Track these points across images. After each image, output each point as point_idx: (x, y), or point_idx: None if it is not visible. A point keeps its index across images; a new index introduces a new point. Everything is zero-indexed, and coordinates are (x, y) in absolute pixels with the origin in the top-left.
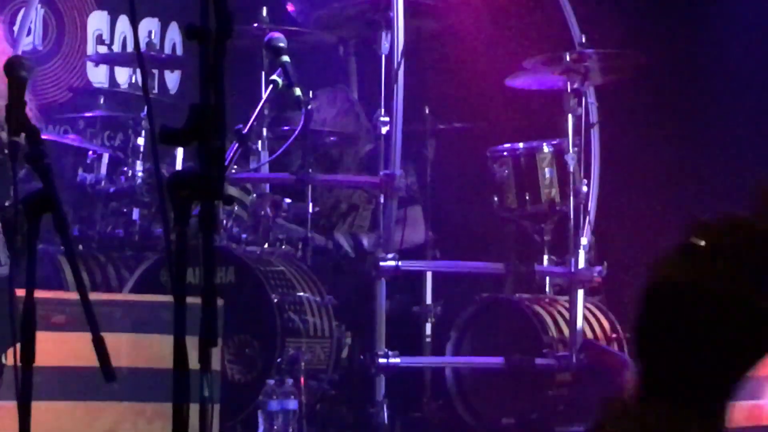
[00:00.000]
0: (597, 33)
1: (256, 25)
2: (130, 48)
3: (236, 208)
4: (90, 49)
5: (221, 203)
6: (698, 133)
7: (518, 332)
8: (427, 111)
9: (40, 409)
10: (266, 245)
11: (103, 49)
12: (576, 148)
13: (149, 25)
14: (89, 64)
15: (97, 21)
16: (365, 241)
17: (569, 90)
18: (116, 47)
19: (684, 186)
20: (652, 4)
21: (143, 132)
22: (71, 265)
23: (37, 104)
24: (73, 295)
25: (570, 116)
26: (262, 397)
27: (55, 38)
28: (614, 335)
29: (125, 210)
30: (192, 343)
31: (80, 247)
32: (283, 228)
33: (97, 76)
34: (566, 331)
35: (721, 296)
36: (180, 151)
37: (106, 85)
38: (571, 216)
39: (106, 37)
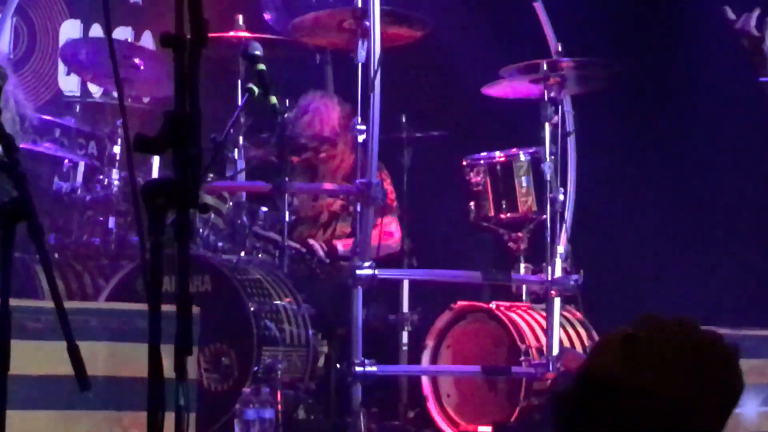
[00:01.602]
0: (573, 42)
1: (232, 33)
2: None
3: (212, 217)
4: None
5: (197, 211)
6: (674, 142)
7: (495, 340)
8: (403, 119)
9: (15, 418)
10: (243, 253)
11: None
12: (553, 157)
13: (123, 34)
14: (61, 73)
15: (69, 29)
16: (340, 247)
17: (546, 98)
18: None
19: (660, 194)
20: (628, 14)
21: (119, 140)
22: (46, 273)
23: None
24: (49, 304)
25: (546, 125)
26: (239, 405)
27: (27, 47)
28: (590, 343)
29: (101, 218)
30: (168, 352)
31: (56, 255)
32: (259, 235)
33: (69, 85)
34: (543, 339)
35: (646, 391)
36: (156, 160)
37: (77, 94)
38: (548, 224)
39: None
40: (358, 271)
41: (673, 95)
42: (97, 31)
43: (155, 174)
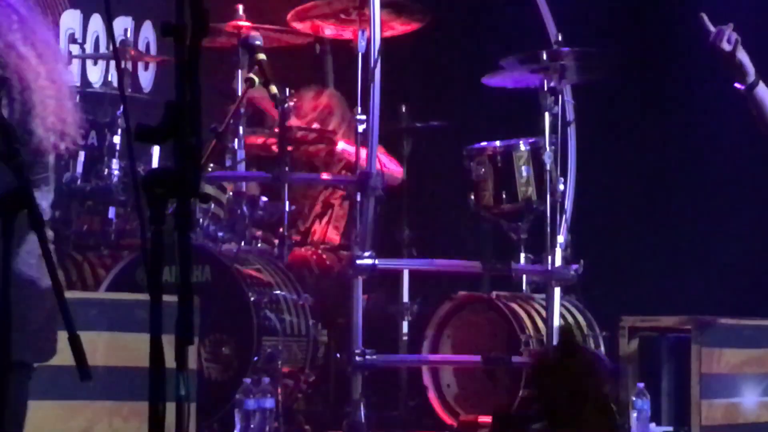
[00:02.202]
0: (573, 31)
1: (232, 22)
2: (102, 47)
3: (212, 207)
4: (62, 47)
5: (197, 201)
6: (674, 131)
7: (495, 330)
8: (403, 109)
9: None
10: (242, 243)
11: (75, 48)
12: (553, 147)
13: (123, 24)
14: None
15: (69, 20)
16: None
17: (546, 88)
18: (89, 46)
19: (660, 183)
20: (628, 3)
21: (119, 130)
22: (47, 263)
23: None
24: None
25: (547, 114)
26: (239, 395)
27: None
28: (590, 333)
29: (101, 208)
30: (168, 342)
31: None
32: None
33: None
34: (543, 329)
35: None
36: (156, 150)
37: (77, 84)
38: (548, 214)
39: (78, 36)
40: (358, 261)
41: (674, 84)
42: (97, 21)
43: (156, 164)
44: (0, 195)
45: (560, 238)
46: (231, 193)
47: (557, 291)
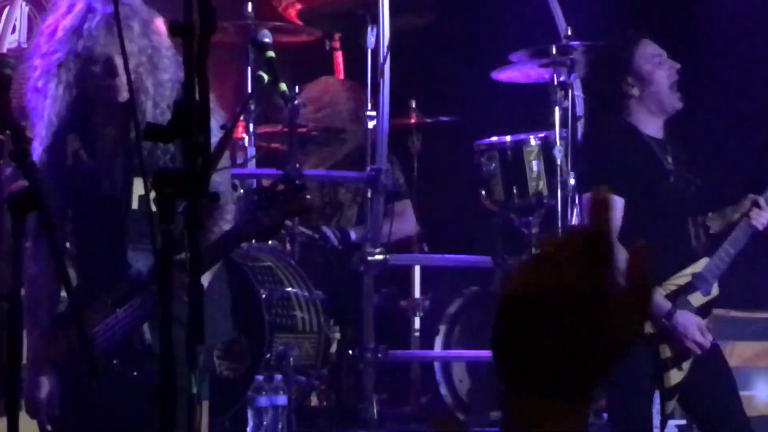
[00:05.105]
0: (583, 25)
1: (241, 20)
2: None
3: None
4: None
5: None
6: (684, 125)
7: None
8: (413, 105)
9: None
10: (253, 240)
11: None
12: (563, 141)
13: None
14: None
15: None
16: (352, 234)
17: (555, 82)
18: None
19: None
20: None
21: None
22: (57, 263)
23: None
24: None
25: (557, 109)
26: (251, 393)
27: None
28: None
29: None
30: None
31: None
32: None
33: None
34: None
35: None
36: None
37: None
38: (559, 209)
39: None
40: (369, 258)
41: (684, 77)
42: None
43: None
44: (11, 195)
45: None
46: (241, 191)
47: None
